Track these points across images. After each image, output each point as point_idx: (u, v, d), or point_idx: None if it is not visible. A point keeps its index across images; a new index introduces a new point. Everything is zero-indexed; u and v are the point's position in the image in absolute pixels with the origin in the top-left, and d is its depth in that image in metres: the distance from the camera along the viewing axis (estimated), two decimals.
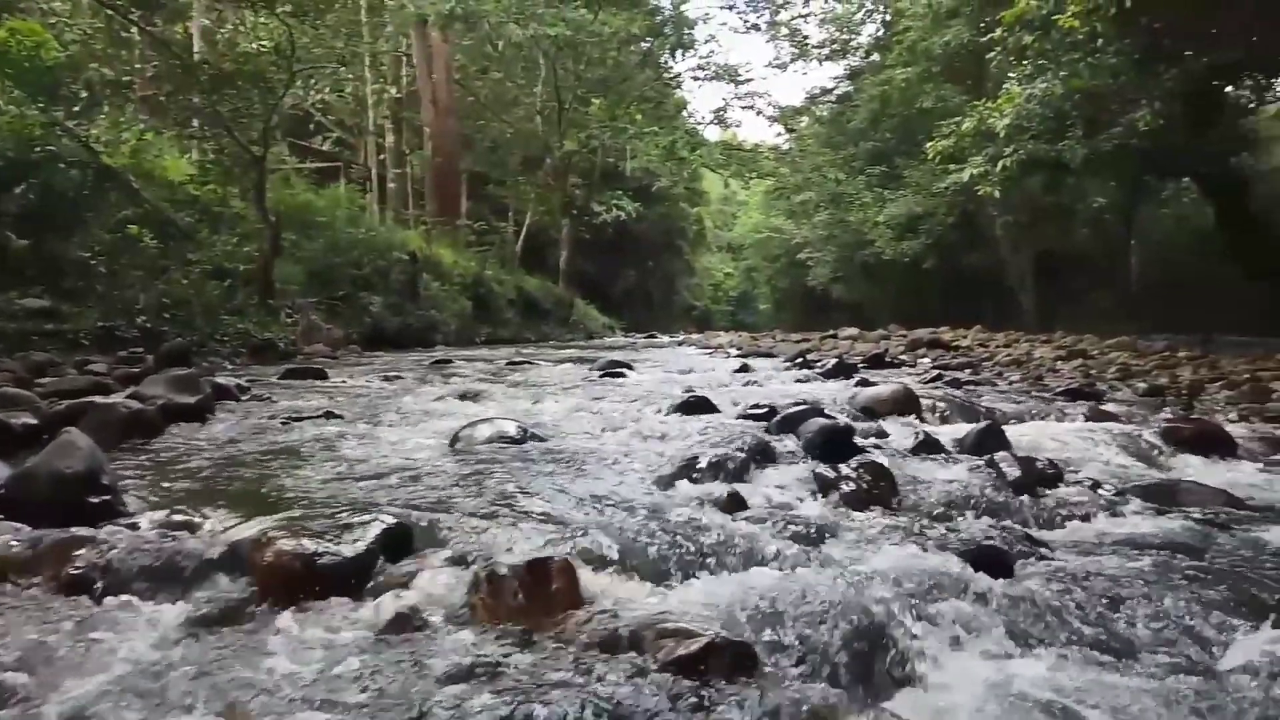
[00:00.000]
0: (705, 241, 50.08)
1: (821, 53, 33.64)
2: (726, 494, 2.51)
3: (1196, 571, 2.21)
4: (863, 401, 4.96)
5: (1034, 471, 3.23)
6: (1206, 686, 1.55)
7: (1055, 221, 27.45)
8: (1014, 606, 1.83)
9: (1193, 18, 12.74)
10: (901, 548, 2.15)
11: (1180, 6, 12.28)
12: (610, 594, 1.81)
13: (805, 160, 30.10)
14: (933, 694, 1.47)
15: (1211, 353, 11.08)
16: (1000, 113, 14.93)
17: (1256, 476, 3.95)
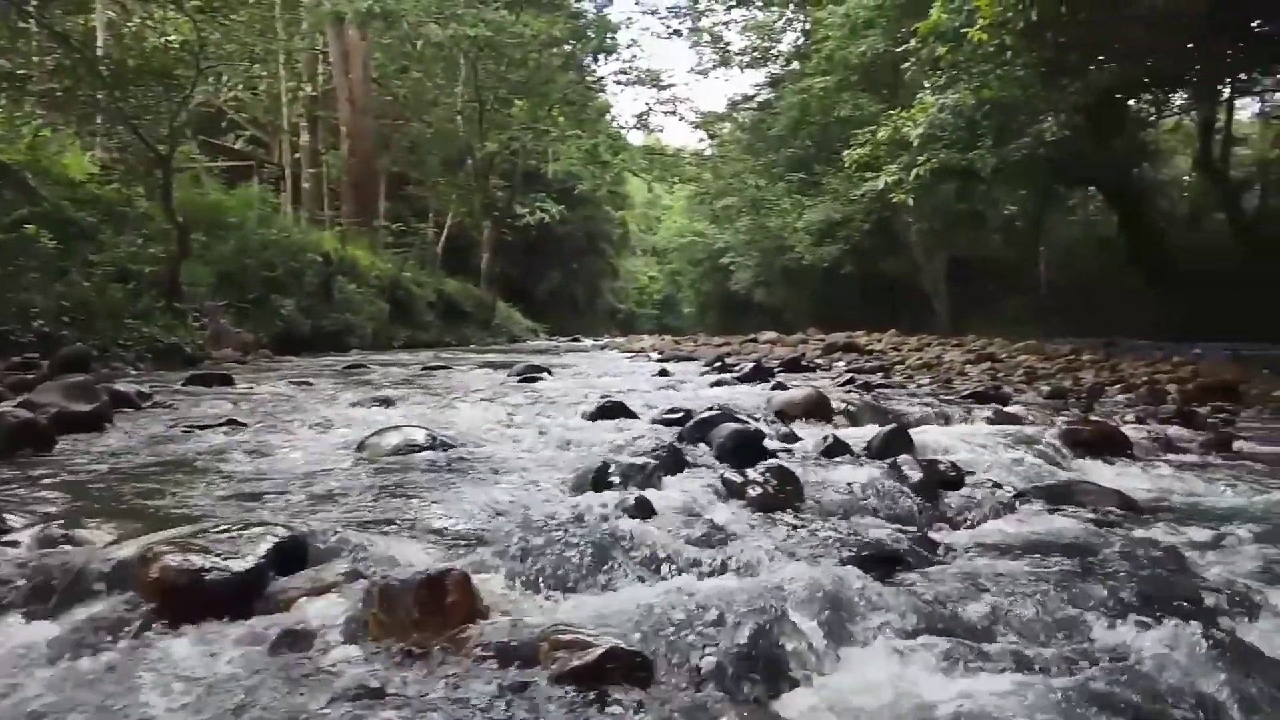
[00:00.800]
0: (629, 245, 50.27)
1: (743, 60, 34.08)
2: (634, 501, 2.50)
3: (1086, 570, 2.29)
4: (776, 405, 5.02)
5: (936, 473, 3.31)
6: (1088, 683, 1.59)
7: (967, 228, 28.30)
8: (908, 607, 1.86)
9: (1093, 34, 13.26)
10: (802, 551, 2.18)
11: (1081, 24, 12.76)
12: (509, 606, 1.79)
13: (726, 166, 30.42)
14: (823, 696, 1.49)
15: (1114, 356, 11.52)
16: (914, 122, 15.33)
17: (1149, 477, 4.11)
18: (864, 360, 10.06)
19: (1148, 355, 11.70)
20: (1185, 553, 2.65)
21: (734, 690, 1.46)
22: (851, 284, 31.85)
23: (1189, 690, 1.59)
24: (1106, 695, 1.55)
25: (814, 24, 29.00)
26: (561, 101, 24.90)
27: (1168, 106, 25.41)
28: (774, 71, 35.11)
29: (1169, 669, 1.65)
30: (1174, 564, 2.48)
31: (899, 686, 1.54)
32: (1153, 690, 1.57)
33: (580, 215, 35.37)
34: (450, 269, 25.52)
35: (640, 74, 27.72)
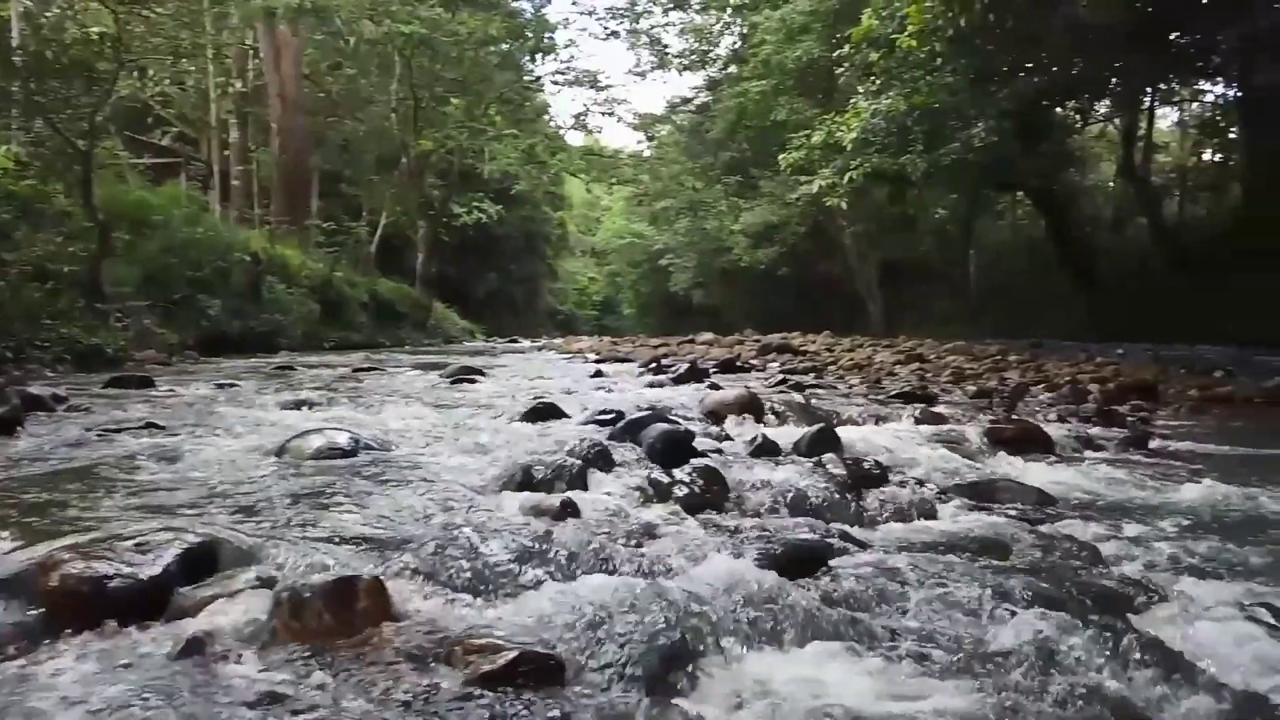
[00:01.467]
0: (569, 246, 50.15)
1: (681, 62, 34.18)
2: (559, 502, 2.50)
3: (1001, 565, 2.34)
4: (709, 406, 5.05)
5: (860, 472, 3.36)
6: (997, 676, 1.63)
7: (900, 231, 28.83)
8: (825, 604, 1.89)
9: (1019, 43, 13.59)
10: (724, 550, 2.19)
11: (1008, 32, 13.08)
12: (425, 610, 1.76)
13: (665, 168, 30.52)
14: (736, 694, 1.50)
15: (1039, 356, 11.82)
16: (848, 127, 15.56)
17: (1068, 474, 4.22)
18: (797, 361, 10.18)
19: (1072, 356, 12.03)
20: (1099, 547, 2.73)
21: (648, 690, 1.46)
22: (789, 286, 32.21)
23: (1094, 681, 1.63)
24: (1013, 688, 1.58)
25: (751, 28, 29.25)
26: (498, 100, 24.73)
27: (1092, 114, 26.18)
28: (712, 75, 35.31)
29: (1076, 661, 1.69)
30: (1087, 558, 2.55)
31: (811, 684, 1.55)
32: (1058, 682, 1.61)
33: (518, 215, 35.15)
34: (385, 269, 25.14)
35: (578, 74, 27.68)
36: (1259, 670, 1.71)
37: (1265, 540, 2.89)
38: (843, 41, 16.31)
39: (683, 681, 1.53)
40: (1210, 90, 25.16)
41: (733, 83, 31.41)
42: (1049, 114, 21.44)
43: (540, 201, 37.79)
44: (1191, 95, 26.94)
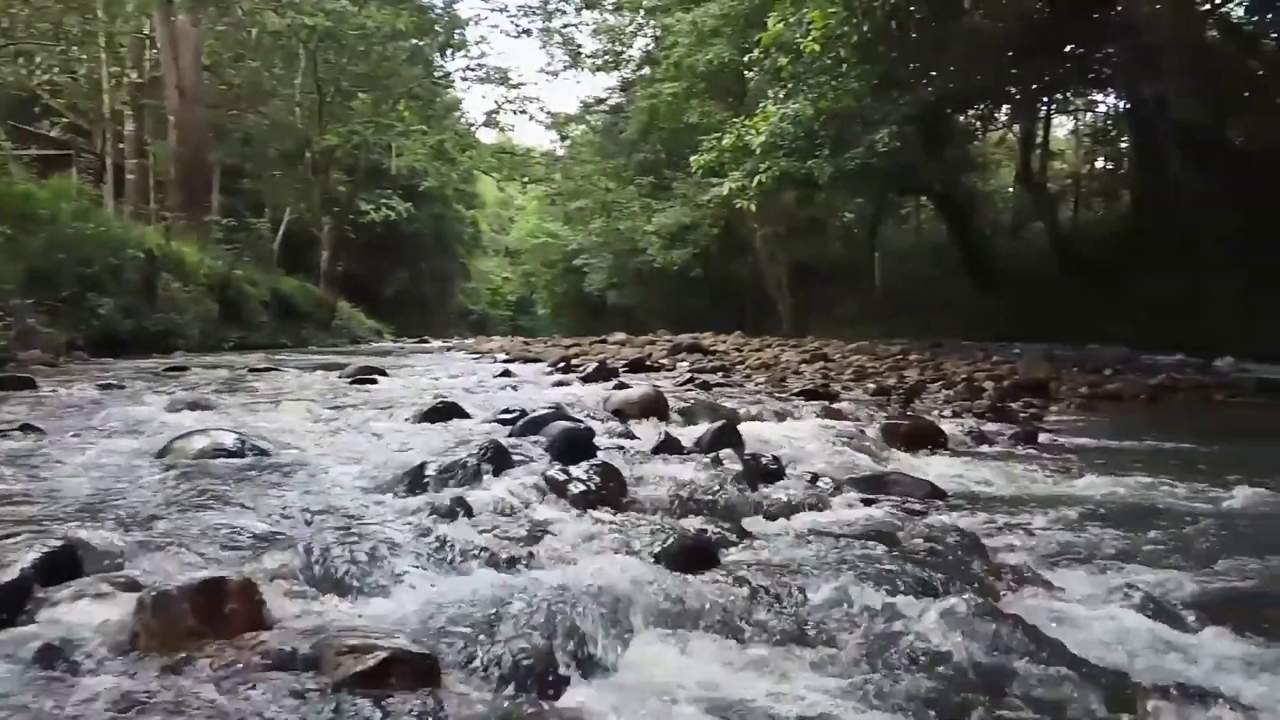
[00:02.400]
0: (481, 245, 49.59)
1: (594, 63, 34.17)
2: (450, 501, 2.45)
3: (889, 555, 2.38)
4: (614, 404, 5.05)
5: (759, 467, 3.40)
6: (878, 664, 1.66)
7: (808, 234, 29.38)
8: (714, 596, 1.89)
9: (921, 50, 13.97)
10: (616, 546, 2.18)
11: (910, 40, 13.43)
12: (299, 613, 1.71)
13: (578, 167, 30.44)
14: (617, 688, 1.49)
15: (939, 356, 12.17)
16: (756, 130, 15.75)
17: (959, 467, 4.35)
18: (707, 361, 10.27)
19: (971, 355, 12.43)
20: (983, 537, 2.81)
21: (526, 688, 1.44)
22: (702, 287, 32.50)
23: (972, 667, 1.67)
24: (891, 674, 1.61)
25: (663, 30, 29.42)
26: (407, 96, 24.30)
27: (993, 121, 27.10)
28: (625, 76, 35.39)
29: (953, 647, 1.73)
30: (971, 547, 2.61)
31: (697, 676, 1.55)
32: (934, 667, 1.64)
33: (429, 213, 34.62)
34: (289, 267, 24.43)
35: (489, 71, 27.39)
36: (1128, 653, 1.78)
37: (1141, 529, 3.02)
38: (752, 46, 16.53)
39: (566, 677, 1.51)
40: (1102, 100, 26.31)
41: (646, 84, 31.54)
42: (950, 120, 22.10)
43: (451, 199, 37.26)
44: (1086, 105, 28.10)
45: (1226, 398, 8.38)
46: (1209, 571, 2.48)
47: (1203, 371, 10.50)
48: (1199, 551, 2.72)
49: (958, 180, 24.41)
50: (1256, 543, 2.82)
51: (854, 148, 15.74)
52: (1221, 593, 2.31)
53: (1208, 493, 3.72)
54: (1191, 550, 2.74)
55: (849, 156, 15.68)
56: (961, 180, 25.18)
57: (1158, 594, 2.15)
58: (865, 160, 15.79)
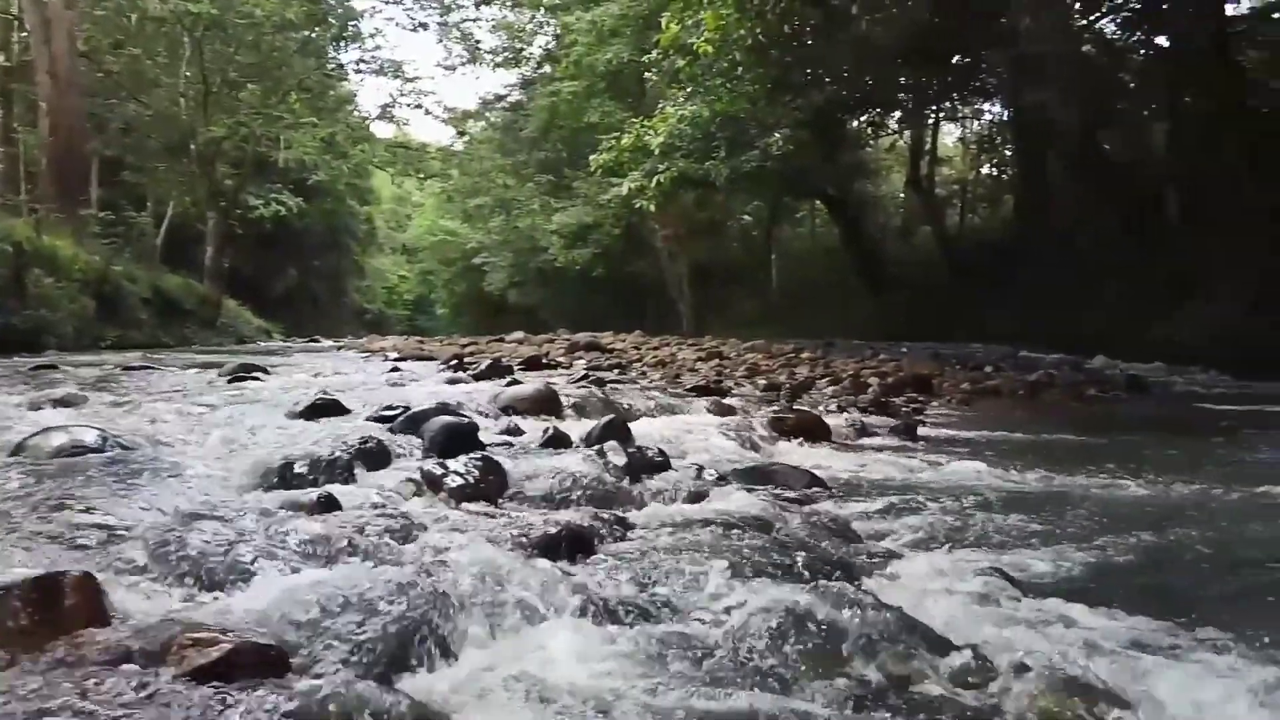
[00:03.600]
0: (377, 242, 48.44)
1: (494, 59, 33.82)
2: (317, 496, 2.38)
3: (763, 542, 2.41)
4: (505, 401, 5.00)
5: (644, 460, 3.41)
6: (742, 644, 1.67)
7: (708, 235, 29.72)
8: (586, 584, 1.89)
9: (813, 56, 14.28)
10: (489, 538, 2.15)
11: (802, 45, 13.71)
12: (146, 608, 1.64)
13: (475, 163, 30.04)
14: (474, 675, 1.47)
15: (830, 354, 12.46)
16: (655, 131, 15.85)
17: (841, 458, 4.47)
18: (604, 359, 10.26)
19: (861, 354, 12.76)
20: (856, 524, 2.88)
21: (379, 676, 1.41)
22: (604, 286, 32.52)
23: (832, 646, 1.70)
24: (757, 655, 1.63)
25: (563, 29, 29.34)
26: (298, 88, 23.57)
27: (884, 127, 27.89)
28: (525, 73, 35.13)
29: (818, 628, 1.76)
30: (844, 534, 2.68)
31: (561, 662, 1.54)
32: (800, 648, 1.67)
33: (321, 209, 33.63)
34: (173, 264, 23.40)
35: (383, 64, 26.82)
36: (979, 628, 1.84)
37: (1005, 513, 3.15)
38: (651, 47, 16.62)
39: (421, 665, 1.48)
40: (988, 109, 27.35)
41: (546, 82, 31.39)
42: (843, 126, 22.65)
43: (345, 195, 36.33)
44: (973, 113, 29.16)
45: (1098, 394, 8.81)
46: (1063, 551, 2.60)
47: (1078, 369, 11.02)
48: (1056, 533, 2.85)
49: (850, 185, 25.05)
50: (1110, 525, 2.98)
51: (750, 150, 15.98)
52: (1072, 570, 2.42)
53: (1070, 480, 3.91)
54: (1049, 532, 2.86)
55: (745, 159, 15.92)
56: (854, 185, 25.86)
57: (1013, 573, 2.23)
58: (760, 163, 16.06)
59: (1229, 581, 2.46)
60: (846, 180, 24.09)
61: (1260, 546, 2.79)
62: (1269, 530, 3.00)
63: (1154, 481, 3.87)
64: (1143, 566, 2.53)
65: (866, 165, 28.45)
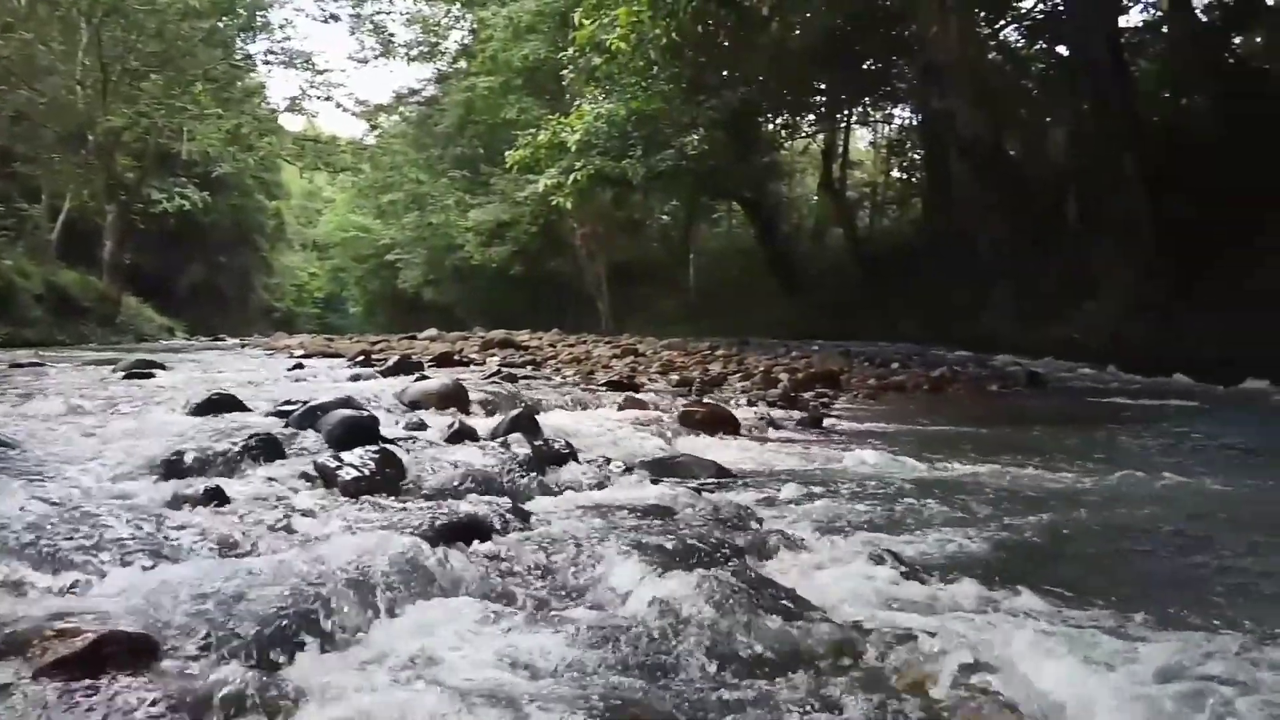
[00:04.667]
0: (286, 238, 47.15)
1: (409, 53, 33.23)
2: (203, 489, 2.31)
3: (662, 528, 2.43)
4: (411, 396, 4.93)
5: (549, 452, 3.40)
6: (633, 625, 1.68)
7: (627, 234, 29.77)
8: (478, 570, 1.88)
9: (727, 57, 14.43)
10: (379, 527, 2.12)
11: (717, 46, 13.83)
12: (12, 602, 1.56)
13: (386, 157, 29.44)
14: (354, 658, 1.45)
15: (745, 352, 12.62)
16: (572, 128, 15.79)
17: (748, 449, 4.53)
18: (518, 355, 10.20)
19: (774, 352, 12.95)
20: (758, 510, 2.92)
21: (255, 663, 1.37)
22: (522, 285, 32.24)
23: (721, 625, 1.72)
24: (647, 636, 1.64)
25: (479, 24, 29.01)
26: (203, 78, 22.77)
27: (798, 130, 28.34)
28: (441, 68, 34.60)
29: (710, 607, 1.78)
30: (744, 519, 2.71)
31: (442, 645, 1.52)
32: (688, 627, 1.68)
33: (227, 204, 32.58)
34: (71, 259, 22.36)
35: (292, 55, 26.09)
36: (865, 606, 1.89)
37: (904, 499, 3.24)
38: (568, 44, 16.56)
39: (300, 651, 1.45)
40: (898, 114, 28.02)
41: (461, 77, 30.99)
42: (758, 127, 22.93)
43: (252, 189, 35.28)
44: (883, 118, 29.82)
45: (999, 388, 9.13)
46: (953, 533, 2.68)
47: (981, 365, 11.39)
48: (948, 517, 2.94)
49: (765, 186, 25.35)
50: (1001, 509, 3.09)
51: (666, 150, 16.05)
52: (959, 550, 2.51)
53: (967, 467, 4.04)
54: (942, 516, 2.95)
55: (661, 158, 15.97)
56: (769, 186, 26.17)
57: (902, 554, 2.29)
58: (676, 162, 16.13)
59: (1107, 559, 2.58)
60: (762, 181, 24.36)
61: (1138, 526, 2.93)
62: (1147, 511, 3.15)
63: (1046, 468, 4.02)
64: (1026, 546, 2.62)
65: (781, 167, 28.83)
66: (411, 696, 1.30)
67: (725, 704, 1.36)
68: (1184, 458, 4.67)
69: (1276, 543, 2.70)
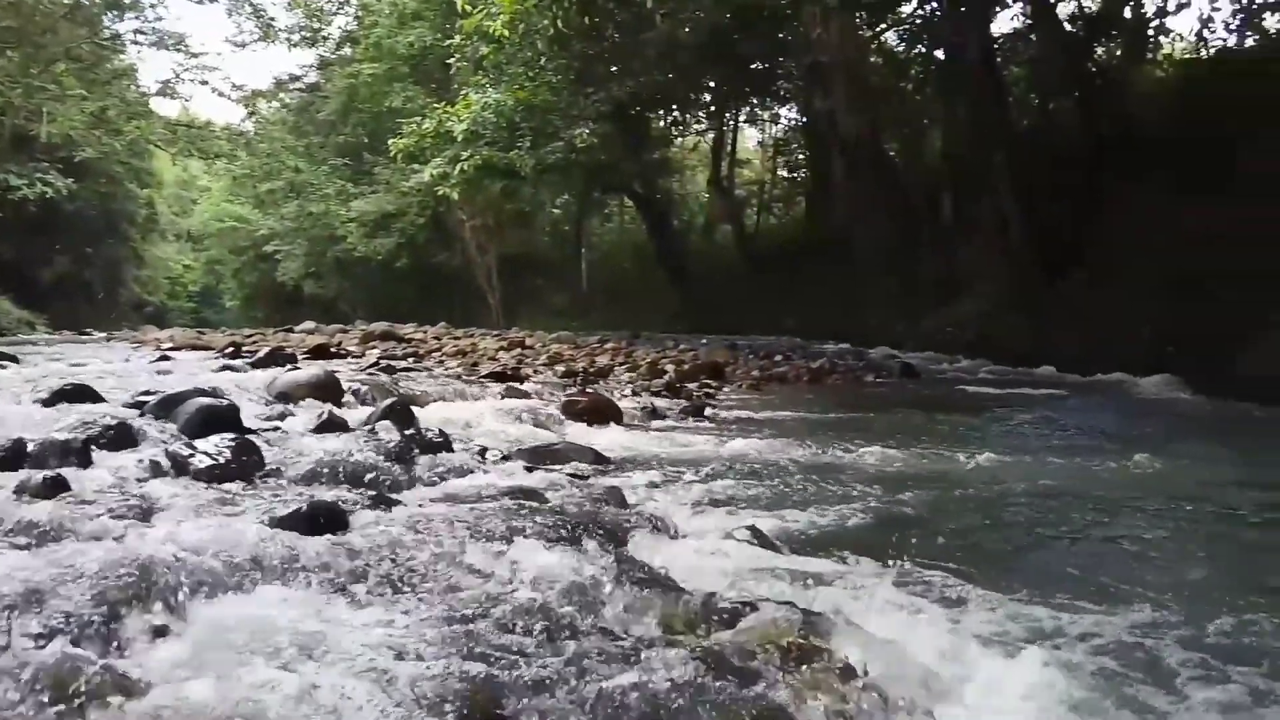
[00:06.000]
0: (159, 228, 44.95)
1: (290, 38, 32.10)
2: (44, 478, 2.18)
3: (533, 511, 2.41)
4: (280, 387, 4.77)
5: (423, 441, 3.34)
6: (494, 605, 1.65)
7: (518, 227, 29.49)
8: (330, 556, 1.82)
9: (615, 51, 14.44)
10: (231, 515, 2.04)
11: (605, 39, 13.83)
12: None
13: (264, 144, 28.33)
14: (193, 642, 1.40)
15: (635, 346, 12.68)
16: (459, 118, 15.53)
17: (629, 437, 4.56)
18: (400, 348, 9.98)
19: (663, 345, 13.06)
20: (631, 493, 2.95)
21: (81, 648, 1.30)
22: (409, 278, 31.54)
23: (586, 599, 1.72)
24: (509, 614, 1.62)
25: (363, 9, 28.25)
26: (64, 57, 21.46)
27: (687, 127, 28.59)
28: (324, 54, 33.54)
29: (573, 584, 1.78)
30: (615, 501, 2.72)
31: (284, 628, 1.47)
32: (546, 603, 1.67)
33: (94, 191, 30.76)
34: None
35: (163, 36, 24.84)
36: (724, 577, 1.92)
37: (776, 480, 3.33)
38: (455, 31, 16.27)
39: (141, 639, 1.38)
40: (784, 114, 28.56)
41: (345, 64, 30.12)
42: (647, 123, 23.02)
43: (122, 176, 33.46)
44: (771, 118, 30.35)
45: (875, 379, 9.43)
46: (821, 511, 2.77)
47: (859, 358, 11.72)
48: (818, 496, 3.04)
49: (656, 182, 25.48)
50: (868, 488, 3.21)
51: (555, 141, 15.91)
52: (824, 526, 2.59)
53: (839, 451, 4.15)
54: (812, 495, 3.04)
55: (549, 150, 15.82)
56: (659, 182, 26.32)
57: (770, 530, 2.35)
58: (566, 155, 16.00)
59: (961, 531, 2.69)
60: (652, 177, 24.49)
61: (993, 501, 3.07)
62: (1004, 488, 3.31)
63: (913, 451, 4.17)
64: (888, 520, 2.73)
65: (672, 163, 29.04)
66: (240, 679, 1.25)
67: (571, 676, 1.35)
68: (1042, 441, 4.93)
69: (1114, 515, 2.87)
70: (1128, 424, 5.90)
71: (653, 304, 24.88)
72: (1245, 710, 1.41)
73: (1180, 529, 2.71)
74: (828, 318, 16.29)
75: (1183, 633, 1.72)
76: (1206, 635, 1.72)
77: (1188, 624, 1.77)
